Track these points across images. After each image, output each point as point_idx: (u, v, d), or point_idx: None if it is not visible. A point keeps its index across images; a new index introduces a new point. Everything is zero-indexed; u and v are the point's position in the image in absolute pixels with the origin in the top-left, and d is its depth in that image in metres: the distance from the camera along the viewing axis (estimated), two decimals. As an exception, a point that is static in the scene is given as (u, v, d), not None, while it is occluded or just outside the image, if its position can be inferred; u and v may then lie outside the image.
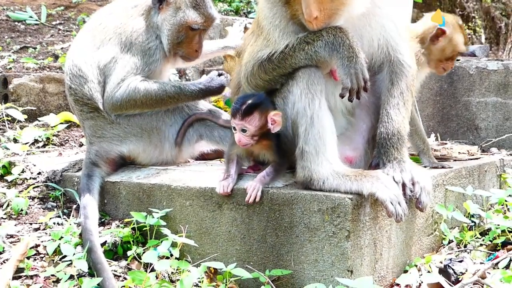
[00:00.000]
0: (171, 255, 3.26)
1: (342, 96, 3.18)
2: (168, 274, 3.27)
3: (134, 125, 3.94)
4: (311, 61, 3.25)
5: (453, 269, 3.34)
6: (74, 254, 3.31)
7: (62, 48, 7.31)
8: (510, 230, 3.74)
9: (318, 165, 3.17)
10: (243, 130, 3.27)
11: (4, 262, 3.32)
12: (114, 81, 3.85)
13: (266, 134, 3.32)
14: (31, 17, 8.56)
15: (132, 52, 3.87)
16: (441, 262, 3.47)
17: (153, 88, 3.86)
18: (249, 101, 3.28)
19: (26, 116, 5.46)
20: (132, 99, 3.84)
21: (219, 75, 4.05)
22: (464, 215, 3.89)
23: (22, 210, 3.84)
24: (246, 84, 3.50)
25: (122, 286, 3.18)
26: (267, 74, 3.36)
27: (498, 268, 3.32)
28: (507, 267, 3.35)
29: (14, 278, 3.22)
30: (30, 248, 3.42)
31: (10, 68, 6.49)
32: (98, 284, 3.11)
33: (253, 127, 3.26)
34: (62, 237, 3.46)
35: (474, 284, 3.17)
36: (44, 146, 5.13)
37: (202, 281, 3.19)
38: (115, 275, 3.27)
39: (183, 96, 3.93)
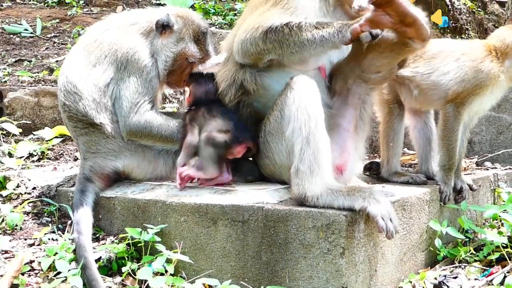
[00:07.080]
0: (166, 271, 3.26)
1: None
2: (163, 291, 3.26)
3: (128, 140, 3.94)
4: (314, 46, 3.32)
5: (447, 286, 3.35)
6: (68, 270, 3.31)
7: (57, 61, 7.32)
8: (505, 245, 3.75)
9: (312, 183, 3.18)
10: None
11: (-2, 279, 3.32)
12: (126, 104, 3.85)
13: None
14: (26, 30, 8.56)
15: (129, 71, 3.88)
16: (435, 279, 3.48)
17: (168, 122, 3.86)
18: None
19: (21, 130, 5.46)
20: (148, 128, 3.84)
21: None
22: (458, 231, 3.91)
23: (16, 225, 3.83)
24: (238, 48, 3.51)
25: (116, 303, 3.18)
26: (265, 44, 3.39)
27: (493, 285, 3.33)
28: (501, 283, 3.36)
29: (8, 294, 3.21)
30: (25, 264, 3.41)
31: (5, 82, 6.49)
32: (92, 301, 3.11)
33: None
34: (56, 253, 3.45)
35: (468, 300, 3.18)
36: (39, 160, 5.13)
37: (197, 298, 3.19)
38: (109, 292, 3.27)
39: None
